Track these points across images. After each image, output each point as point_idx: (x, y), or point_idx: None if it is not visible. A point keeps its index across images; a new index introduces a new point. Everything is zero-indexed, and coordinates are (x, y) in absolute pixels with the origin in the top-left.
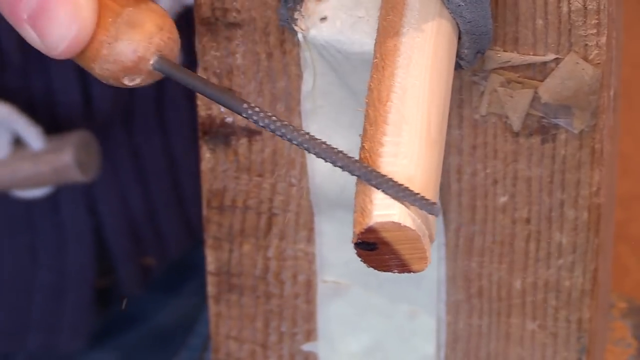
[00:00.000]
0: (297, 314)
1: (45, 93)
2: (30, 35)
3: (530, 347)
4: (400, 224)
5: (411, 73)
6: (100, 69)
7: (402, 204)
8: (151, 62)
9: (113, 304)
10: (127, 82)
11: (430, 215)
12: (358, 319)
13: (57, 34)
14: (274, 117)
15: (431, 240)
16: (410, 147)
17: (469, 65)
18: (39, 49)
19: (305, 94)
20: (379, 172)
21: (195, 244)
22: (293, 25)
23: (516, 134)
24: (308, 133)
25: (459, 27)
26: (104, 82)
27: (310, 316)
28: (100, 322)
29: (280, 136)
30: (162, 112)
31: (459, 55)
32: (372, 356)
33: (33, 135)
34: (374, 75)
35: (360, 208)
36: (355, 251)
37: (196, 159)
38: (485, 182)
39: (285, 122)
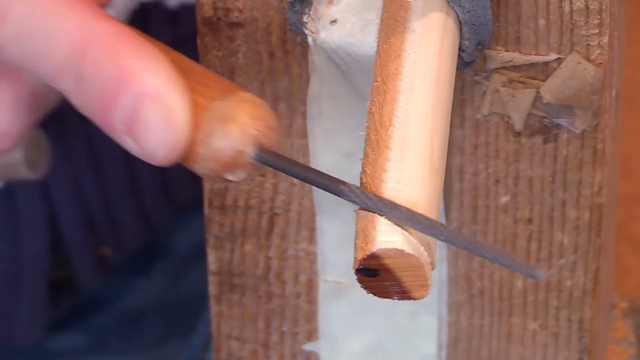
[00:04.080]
0: (299, 313)
1: None
2: (129, 145)
3: (532, 347)
4: (403, 251)
5: (414, 98)
6: (201, 168)
7: (406, 230)
8: (250, 154)
9: (70, 295)
10: (232, 178)
11: (432, 242)
12: (359, 318)
13: (154, 141)
14: (372, 196)
15: (433, 267)
16: (414, 173)
17: (470, 57)
18: (140, 157)
19: (312, 97)
20: (383, 198)
21: (157, 228)
22: (303, 28)
23: (518, 134)
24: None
25: (460, 27)
26: (212, 180)
27: (311, 316)
28: (64, 309)
29: (380, 213)
30: None
31: (460, 48)
32: (374, 356)
33: None
34: (375, 99)
35: (362, 234)
36: (356, 277)
37: None
38: (487, 182)
39: (387, 200)
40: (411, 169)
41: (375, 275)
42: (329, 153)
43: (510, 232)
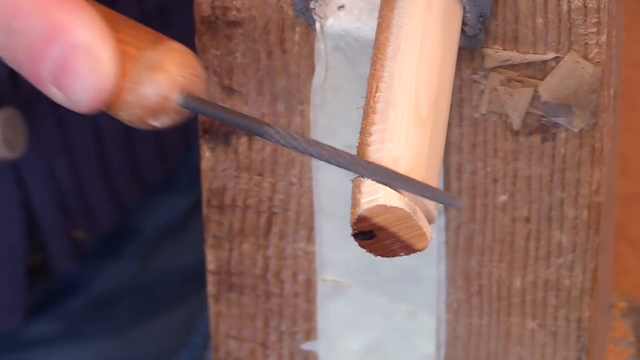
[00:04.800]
0: (297, 313)
1: None
2: (55, 94)
3: (530, 346)
4: (386, 205)
5: (399, 60)
6: (126, 114)
7: (389, 186)
8: (175, 99)
9: (44, 281)
10: (155, 124)
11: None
12: (358, 318)
13: (81, 89)
14: (297, 136)
15: (429, 217)
16: (397, 130)
17: (473, 31)
18: (65, 105)
19: (316, 87)
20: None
21: (127, 210)
22: (310, 14)
23: (516, 133)
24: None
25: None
26: (133, 126)
27: (310, 315)
28: (38, 294)
29: (308, 154)
30: None
31: (462, 22)
32: (372, 355)
33: None
34: (370, 72)
35: (353, 200)
36: (357, 244)
37: (123, 129)
38: (485, 181)
39: (312, 140)
40: (394, 126)
41: (372, 236)
42: (331, 144)
43: (509, 231)
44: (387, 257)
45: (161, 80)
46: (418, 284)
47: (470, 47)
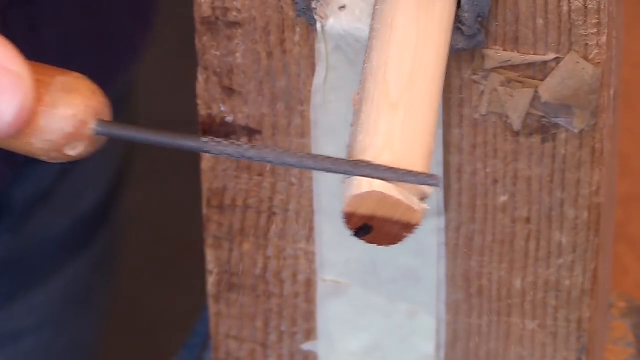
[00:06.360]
0: (297, 313)
1: None
2: None
3: (530, 347)
4: (358, 194)
5: (372, 59)
6: (41, 142)
7: (363, 176)
8: (91, 125)
9: None
10: (70, 152)
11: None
12: (358, 318)
13: (5, 106)
14: (237, 144)
15: (416, 194)
16: (366, 121)
17: (471, 31)
18: None
19: (317, 88)
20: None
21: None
22: (311, 14)
23: (516, 134)
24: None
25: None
26: (45, 159)
27: (310, 315)
28: None
29: (249, 158)
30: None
31: (460, 21)
32: (372, 355)
33: None
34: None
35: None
36: (365, 242)
37: None
38: (486, 182)
39: (253, 144)
40: (365, 119)
41: (370, 229)
42: (331, 144)
43: (509, 231)
44: (396, 243)
45: (78, 103)
46: (418, 284)
47: (471, 48)
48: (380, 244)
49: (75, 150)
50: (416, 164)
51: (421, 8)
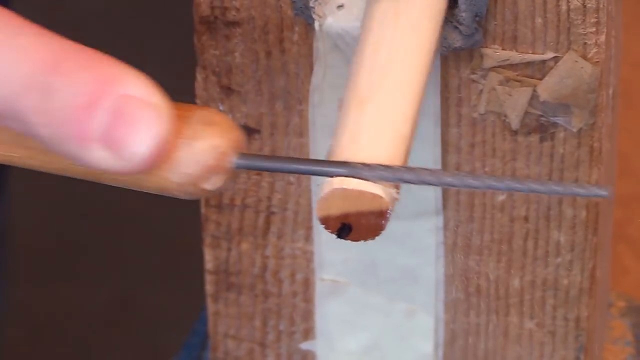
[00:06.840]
0: (295, 312)
1: None
2: (96, 156)
3: (528, 346)
4: (323, 196)
5: (352, 70)
6: (177, 175)
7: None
8: (232, 158)
9: None
10: (207, 187)
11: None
12: (356, 317)
13: (139, 141)
14: (383, 167)
15: (374, 180)
16: (338, 124)
17: (469, 30)
18: (104, 169)
19: (315, 87)
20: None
21: None
22: (309, 13)
23: (515, 133)
24: None
25: None
26: (179, 195)
27: (308, 315)
28: None
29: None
30: None
31: (457, 21)
32: (370, 354)
33: None
34: None
35: None
36: (352, 242)
37: None
38: None
39: (410, 167)
40: (338, 123)
41: (350, 228)
42: (329, 144)
43: (507, 230)
44: (378, 234)
45: (219, 135)
46: (416, 284)
47: (469, 47)
48: (365, 238)
49: (213, 184)
50: (383, 156)
51: (401, 2)
